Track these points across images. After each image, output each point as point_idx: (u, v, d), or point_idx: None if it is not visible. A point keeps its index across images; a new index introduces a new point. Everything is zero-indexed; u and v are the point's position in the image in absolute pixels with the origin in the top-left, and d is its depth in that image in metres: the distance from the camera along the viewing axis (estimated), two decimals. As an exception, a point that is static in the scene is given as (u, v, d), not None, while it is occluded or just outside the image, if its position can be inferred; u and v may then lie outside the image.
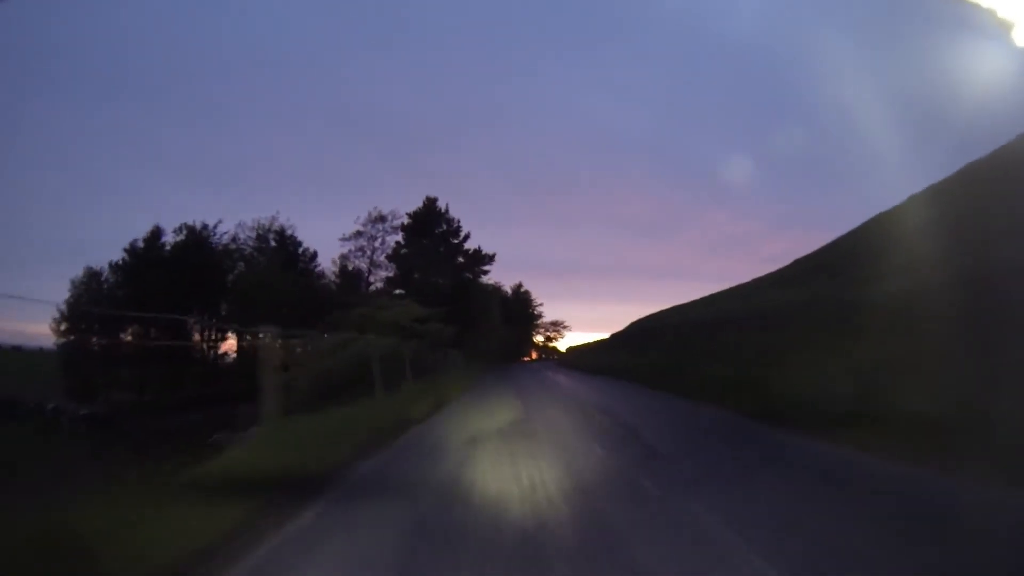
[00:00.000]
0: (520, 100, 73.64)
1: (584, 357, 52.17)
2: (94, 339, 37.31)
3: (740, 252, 79.51)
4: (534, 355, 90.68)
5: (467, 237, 35.87)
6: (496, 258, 36.04)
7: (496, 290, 38.68)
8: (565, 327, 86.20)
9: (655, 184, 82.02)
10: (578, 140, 79.18)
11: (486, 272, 36.46)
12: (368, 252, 32.17)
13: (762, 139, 62.92)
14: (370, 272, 31.30)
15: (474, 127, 76.47)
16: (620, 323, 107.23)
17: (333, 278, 37.22)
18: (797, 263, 24.60)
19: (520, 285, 71.80)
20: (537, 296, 74.74)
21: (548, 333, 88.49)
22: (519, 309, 69.55)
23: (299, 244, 41.88)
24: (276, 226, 35.57)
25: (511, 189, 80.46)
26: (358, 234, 32.56)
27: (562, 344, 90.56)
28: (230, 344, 42.11)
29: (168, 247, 38.83)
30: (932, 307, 8.23)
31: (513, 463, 6.47)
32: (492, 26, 64.91)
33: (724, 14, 48.91)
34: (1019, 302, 6.79)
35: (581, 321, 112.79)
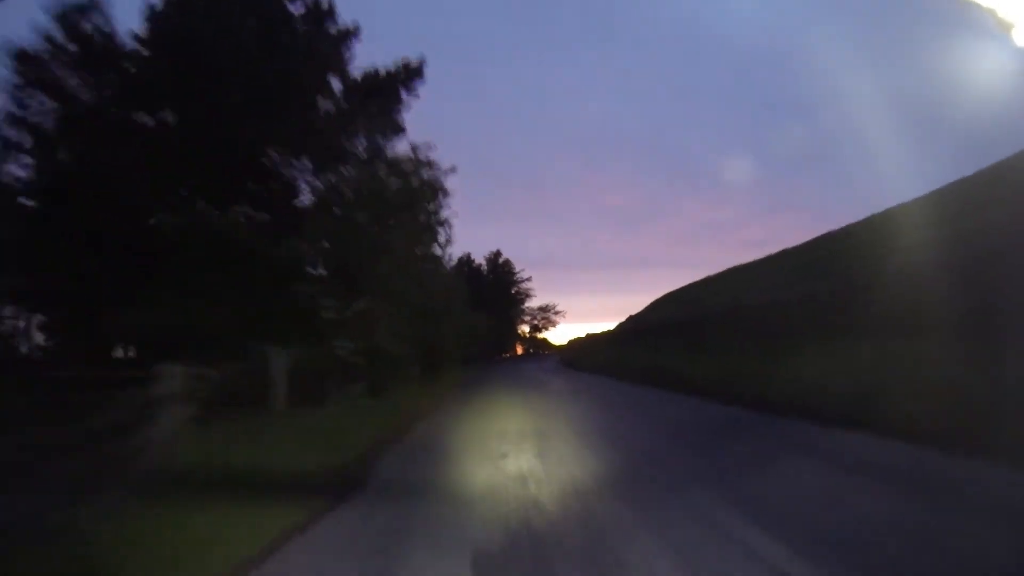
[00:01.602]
0: (502, 92, 68.09)
1: (597, 353, 34.47)
2: None
3: (728, 238, 74.42)
4: (519, 350, 72.48)
5: (327, 13, 11.47)
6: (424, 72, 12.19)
7: (432, 188, 12.34)
8: (557, 313, 68.33)
9: (645, 174, 76.30)
10: (562, 132, 76.17)
11: (394, 116, 11.85)
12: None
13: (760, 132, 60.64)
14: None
15: (452, 115, 66.97)
16: (614, 314, 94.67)
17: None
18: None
19: (498, 254, 53.37)
20: (522, 270, 56.01)
21: (536, 321, 70.50)
22: (497, 287, 51.52)
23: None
24: None
25: (491, 181, 74.15)
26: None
27: (554, 336, 73.49)
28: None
29: None
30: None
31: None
32: (477, 20, 60.37)
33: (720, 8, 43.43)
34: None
35: (570, 313, 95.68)
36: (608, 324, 63.97)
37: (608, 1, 61.45)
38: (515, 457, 5.87)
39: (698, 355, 16.08)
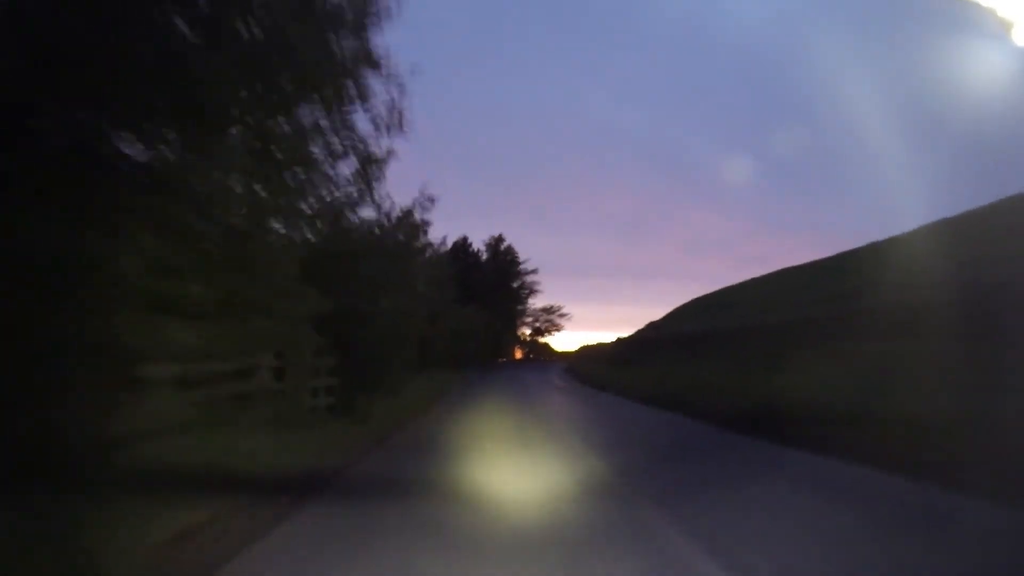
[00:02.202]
0: (498, 95, 62.42)
1: (617, 365, 26.34)
2: None
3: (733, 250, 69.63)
4: (519, 354, 64.48)
5: None
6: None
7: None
8: (562, 315, 60.09)
9: (646, 182, 70.65)
10: (564, 135, 68.72)
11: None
12: None
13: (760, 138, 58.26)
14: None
15: (452, 118, 61.32)
16: (613, 324, 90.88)
17: None
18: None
19: (500, 240, 45.27)
20: (527, 260, 47.67)
21: (538, 323, 62.32)
22: (497, 279, 43.36)
23: None
24: None
25: (487, 183, 67.85)
26: None
27: (556, 341, 65.89)
28: None
29: None
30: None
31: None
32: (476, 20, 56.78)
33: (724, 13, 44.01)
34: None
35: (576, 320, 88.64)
36: (605, 334, 58.72)
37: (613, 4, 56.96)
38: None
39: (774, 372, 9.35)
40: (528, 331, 64.27)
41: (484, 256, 44.65)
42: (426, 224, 13.08)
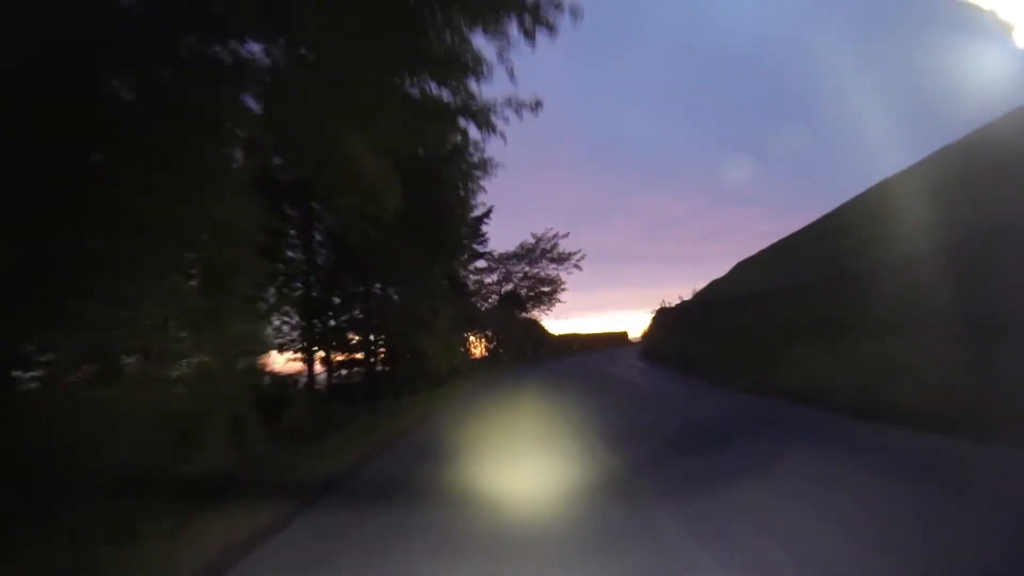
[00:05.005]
0: None
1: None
2: None
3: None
4: (480, 348, 36.38)
5: None
6: None
7: None
8: (561, 257, 32.10)
9: (604, 169, 65.89)
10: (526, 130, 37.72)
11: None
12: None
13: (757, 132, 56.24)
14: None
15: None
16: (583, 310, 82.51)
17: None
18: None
19: None
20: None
21: (516, 285, 34.52)
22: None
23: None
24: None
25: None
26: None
27: (558, 325, 40.25)
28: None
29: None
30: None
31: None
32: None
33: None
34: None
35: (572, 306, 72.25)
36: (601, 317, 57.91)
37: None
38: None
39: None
40: (495, 300, 36.13)
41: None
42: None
